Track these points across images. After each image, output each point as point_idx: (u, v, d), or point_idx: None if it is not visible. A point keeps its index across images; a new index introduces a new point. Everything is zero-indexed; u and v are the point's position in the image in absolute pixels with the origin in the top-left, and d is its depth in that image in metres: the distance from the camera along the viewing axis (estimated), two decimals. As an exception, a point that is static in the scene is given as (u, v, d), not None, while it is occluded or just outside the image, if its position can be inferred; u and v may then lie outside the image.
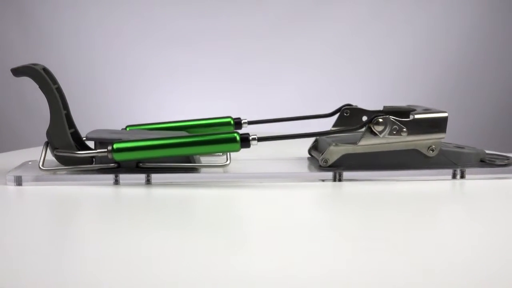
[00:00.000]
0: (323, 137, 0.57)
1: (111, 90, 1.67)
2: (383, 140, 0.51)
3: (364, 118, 0.60)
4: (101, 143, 0.53)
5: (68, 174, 0.52)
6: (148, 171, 0.51)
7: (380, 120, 0.50)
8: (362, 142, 0.52)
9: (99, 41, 1.68)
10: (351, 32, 1.72)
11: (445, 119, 0.52)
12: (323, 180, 0.52)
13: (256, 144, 0.49)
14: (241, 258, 0.31)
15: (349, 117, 0.61)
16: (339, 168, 0.52)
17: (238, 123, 0.61)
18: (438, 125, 0.52)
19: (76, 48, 1.67)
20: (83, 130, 0.57)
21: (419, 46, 1.74)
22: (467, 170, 0.53)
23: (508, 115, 1.75)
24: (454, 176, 0.53)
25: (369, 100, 1.71)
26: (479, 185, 0.52)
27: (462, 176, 0.53)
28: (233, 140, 0.48)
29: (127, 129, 0.61)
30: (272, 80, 1.72)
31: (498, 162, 0.55)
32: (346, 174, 0.52)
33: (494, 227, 0.39)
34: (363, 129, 0.52)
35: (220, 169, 0.53)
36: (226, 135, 0.49)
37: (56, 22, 1.66)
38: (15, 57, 1.65)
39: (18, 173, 0.52)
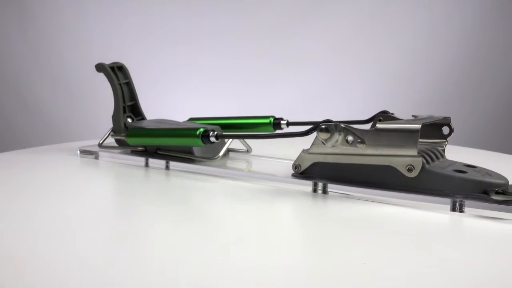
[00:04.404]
0: None
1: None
2: (336, 150, 0.45)
3: None
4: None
5: (121, 153, 0.62)
6: (163, 157, 0.58)
7: (323, 127, 0.44)
8: (312, 150, 0.46)
9: (99, 41, 1.68)
10: (351, 32, 1.73)
11: (414, 133, 0.41)
12: (315, 190, 0.47)
13: (216, 141, 0.52)
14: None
15: None
16: (312, 177, 0.47)
17: (277, 124, 0.63)
18: (406, 139, 0.42)
19: (76, 48, 1.67)
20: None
21: (419, 47, 1.74)
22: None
23: (508, 115, 1.75)
24: (453, 207, 0.40)
25: (370, 100, 1.71)
26: (461, 223, 0.38)
27: (454, 209, 0.40)
28: (196, 135, 0.52)
29: (189, 121, 0.67)
30: (272, 80, 1.72)
31: (495, 197, 0.39)
32: (320, 185, 0.46)
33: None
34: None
35: (219, 162, 0.57)
36: (190, 131, 0.53)
37: (56, 22, 1.67)
38: (15, 57, 1.65)
39: (83, 148, 0.66)
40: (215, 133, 0.52)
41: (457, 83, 1.75)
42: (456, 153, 0.72)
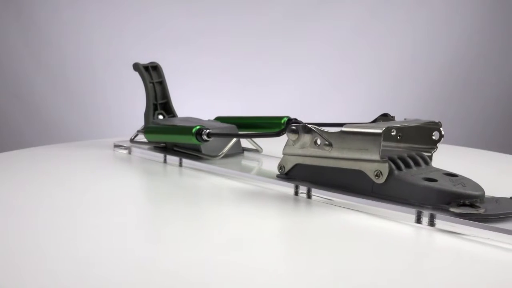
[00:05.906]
0: None
1: (111, 89, 1.67)
2: (307, 152, 0.44)
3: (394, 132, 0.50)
4: None
5: (149, 149, 0.65)
6: (177, 153, 0.61)
7: (292, 128, 0.43)
8: (284, 150, 0.46)
9: (99, 41, 1.68)
10: (351, 33, 1.73)
11: (376, 137, 0.39)
12: (296, 193, 0.46)
13: (208, 140, 0.55)
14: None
15: None
16: (295, 179, 0.47)
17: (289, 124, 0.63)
18: (369, 143, 0.40)
19: (76, 48, 1.67)
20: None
21: (419, 47, 1.74)
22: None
23: (507, 115, 1.75)
24: (418, 219, 0.37)
25: (370, 101, 1.71)
26: (420, 235, 0.36)
27: (419, 220, 0.37)
28: (192, 133, 0.55)
29: (215, 119, 0.68)
30: (272, 80, 1.72)
31: (453, 209, 0.36)
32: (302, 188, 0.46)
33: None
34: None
35: (222, 160, 0.58)
36: (188, 129, 0.56)
37: (56, 22, 1.67)
38: (15, 57, 1.65)
39: (118, 142, 0.69)
40: (207, 131, 0.55)
41: (457, 83, 1.75)
42: (455, 152, 0.71)
